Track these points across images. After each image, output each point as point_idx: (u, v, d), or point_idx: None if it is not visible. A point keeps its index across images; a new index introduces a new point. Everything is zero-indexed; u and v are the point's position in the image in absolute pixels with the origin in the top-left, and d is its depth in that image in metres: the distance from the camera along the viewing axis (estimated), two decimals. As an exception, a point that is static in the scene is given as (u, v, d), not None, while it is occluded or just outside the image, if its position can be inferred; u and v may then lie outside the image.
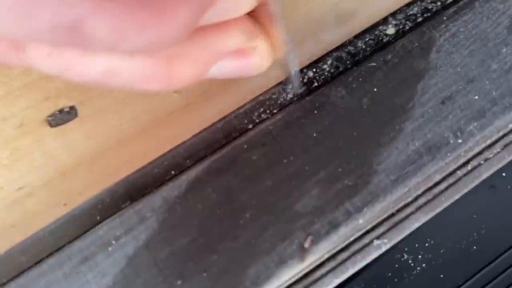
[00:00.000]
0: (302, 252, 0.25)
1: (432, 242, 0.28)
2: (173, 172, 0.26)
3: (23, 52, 0.19)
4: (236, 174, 0.26)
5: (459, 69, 0.28)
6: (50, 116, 0.29)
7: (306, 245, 0.25)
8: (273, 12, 0.22)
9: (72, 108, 0.30)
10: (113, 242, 0.25)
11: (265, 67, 0.23)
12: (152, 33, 0.16)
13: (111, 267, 0.24)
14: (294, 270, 0.24)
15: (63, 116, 0.29)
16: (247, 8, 0.21)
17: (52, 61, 0.19)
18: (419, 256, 0.27)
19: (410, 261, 0.27)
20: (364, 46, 0.29)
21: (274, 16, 0.22)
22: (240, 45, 0.21)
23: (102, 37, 0.15)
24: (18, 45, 0.19)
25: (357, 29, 0.30)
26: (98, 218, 0.26)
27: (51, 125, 0.29)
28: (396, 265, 0.27)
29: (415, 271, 0.27)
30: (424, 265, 0.27)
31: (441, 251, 0.28)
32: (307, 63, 0.28)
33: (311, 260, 0.25)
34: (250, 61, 0.22)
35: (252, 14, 0.22)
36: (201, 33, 0.20)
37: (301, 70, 0.28)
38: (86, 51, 0.18)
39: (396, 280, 0.27)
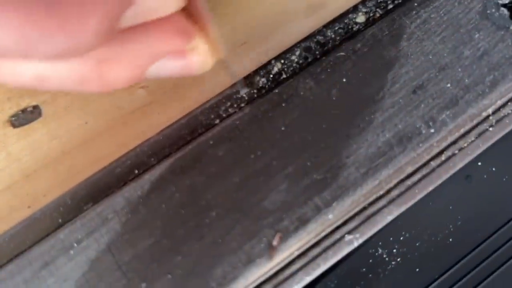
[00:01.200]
0: (271, 250, 0.24)
1: (407, 235, 0.27)
2: (136, 171, 0.25)
3: None
4: (201, 171, 0.25)
5: (430, 57, 0.27)
6: (13, 116, 0.28)
7: (275, 242, 0.24)
8: (203, 11, 0.21)
9: (35, 107, 0.29)
10: (75, 245, 0.24)
11: (209, 65, 0.22)
12: (60, 40, 0.16)
13: (73, 271, 0.24)
14: (262, 269, 0.24)
15: (26, 116, 0.29)
16: (173, 7, 0.20)
17: None
18: (394, 250, 0.27)
19: (384, 256, 0.27)
20: (333, 35, 0.28)
21: (206, 15, 0.21)
22: (176, 47, 0.21)
23: (9, 46, 0.15)
24: None
25: (328, 18, 0.29)
26: (60, 221, 0.25)
27: (14, 126, 0.28)
28: (370, 260, 0.27)
29: (390, 266, 0.27)
30: (399, 259, 0.27)
31: (417, 244, 0.27)
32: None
33: (280, 258, 0.24)
34: (190, 61, 0.22)
35: (187, 13, 0.21)
36: (131, 35, 0.19)
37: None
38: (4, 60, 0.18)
39: (370, 275, 0.26)
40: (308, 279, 0.24)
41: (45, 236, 0.25)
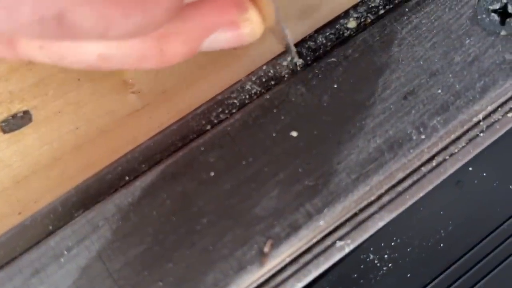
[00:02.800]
0: (262, 256, 0.24)
1: (398, 241, 0.27)
2: (127, 178, 0.25)
3: (16, 46, 0.19)
4: (192, 178, 0.25)
5: (421, 63, 0.27)
6: (3, 121, 0.28)
7: (266, 249, 0.24)
8: None
9: (26, 112, 0.29)
10: (65, 252, 0.24)
11: (258, 35, 0.23)
12: (137, 18, 0.16)
13: (63, 279, 0.23)
14: (254, 276, 0.24)
15: (16, 122, 0.28)
16: None
17: (45, 53, 0.19)
18: (385, 256, 0.27)
19: (376, 261, 0.27)
20: (324, 41, 0.28)
21: None
22: (231, 19, 0.21)
23: (89, 27, 0.16)
24: (11, 39, 0.19)
25: (319, 23, 0.29)
26: (50, 228, 0.25)
27: (4, 131, 0.28)
28: (362, 266, 0.27)
29: (381, 271, 0.27)
30: (390, 265, 0.27)
31: (408, 249, 0.27)
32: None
33: (272, 264, 0.24)
34: (243, 32, 0.22)
35: None
36: (190, 10, 0.20)
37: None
38: (76, 40, 0.18)
39: (362, 281, 0.26)
40: (300, 285, 0.24)
41: (35, 243, 0.24)
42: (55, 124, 0.28)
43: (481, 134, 0.26)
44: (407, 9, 0.28)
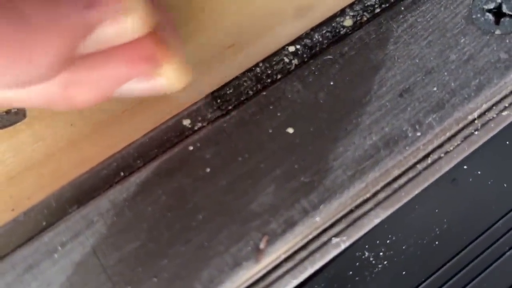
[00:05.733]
0: (258, 253, 0.24)
1: (393, 238, 0.27)
2: (122, 174, 0.25)
3: None
4: (188, 174, 0.25)
5: (417, 61, 0.27)
6: (-4, 117, 0.28)
7: (262, 245, 0.24)
8: (170, 35, 0.21)
9: (20, 109, 0.28)
10: (59, 248, 0.24)
11: (178, 87, 0.23)
12: (19, 70, 0.17)
13: (57, 275, 0.23)
14: (249, 272, 0.24)
15: (10, 118, 0.28)
16: (136, 34, 0.20)
17: None
18: (381, 253, 0.27)
19: (371, 259, 0.27)
20: (321, 39, 0.28)
21: (173, 39, 0.22)
22: (142, 72, 0.21)
23: None
24: None
25: (316, 21, 0.29)
26: (44, 223, 0.25)
27: (-2, 127, 0.28)
28: (357, 263, 0.27)
29: (376, 269, 0.27)
30: (385, 262, 0.27)
31: (403, 247, 0.27)
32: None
33: (267, 261, 0.24)
34: (158, 84, 0.22)
35: (156, 37, 0.21)
36: (95, 60, 0.20)
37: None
38: None
39: (357, 278, 0.26)
40: (295, 282, 0.24)
41: (28, 239, 0.24)
42: (49, 120, 0.28)
43: (476, 132, 0.26)
44: (403, 8, 0.28)
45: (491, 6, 0.28)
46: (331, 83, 0.26)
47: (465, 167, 0.28)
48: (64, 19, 0.17)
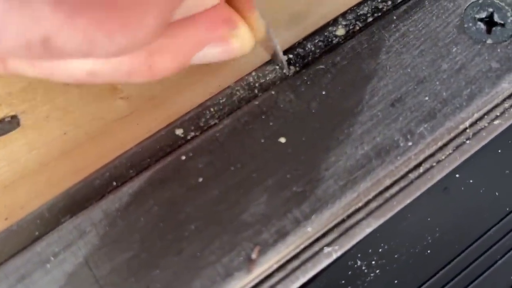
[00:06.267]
0: (249, 263, 0.24)
1: (385, 247, 0.27)
2: (115, 184, 0.25)
3: (6, 63, 0.20)
4: (180, 184, 0.25)
5: (409, 70, 0.27)
6: (-10, 126, 0.28)
7: (254, 255, 0.24)
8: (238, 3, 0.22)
9: (13, 117, 0.29)
10: (52, 258, 0.24)
11: (248, 50, 0.23)
12: (122, 39, 0.17)
13: (49, 285, 0.23)
14: (241, 283, 0.24)
15: (4, 126, 0.28)
16: (210, 3, 0.21)
17: (35, 70, 0.19)
18: (373, 262, 0.27)
19: (363, 268, 0.27)
20: (313, 48, 0.28)
21: (248, 3, 0.23)
22: (220, 35, 0.22)
23: (74, 48, 0.16)
24: (1, 57, 0.20)
25: (308, 30, 0.29)
26: (36, 233, 0.25)
27: (-8, 136, 0.28)
28: (349, 272, 0.27)
29: (369, 278, 0.27)
30: (378, 271, 0.27)
31: (395, 256, 0.27)
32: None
33: (259, 271, 0.24)
34: (232, 47, 0.22)
35: (229, 1, 0.22)
36: (179, 26, 0.21)
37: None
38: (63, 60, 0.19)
39: (349, 287, 0.26)
40: (287, 291, 0.24)
41: (21, 249, 0.24)
42: (43, 129, 0.28)
43: (468, 141, 0.26)
44: (395, 17, 0.28)
45: (483, 15, 0.28)
46: (323, 93, 0.26)
47: (457, 175, 0.28)
48: None
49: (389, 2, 0.29)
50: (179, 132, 0.26)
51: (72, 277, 0.23)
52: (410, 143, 0.26)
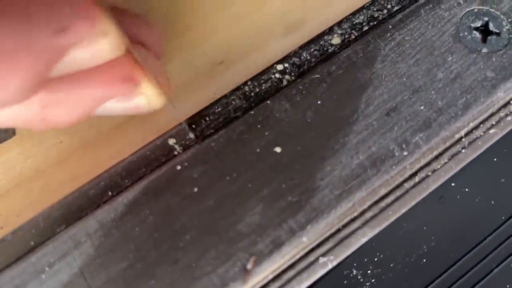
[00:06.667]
0: (245, 273, 0.24)
1: (381, 256, 0.27)
2: (110, 193, 0.25)
3: None
4: (176, 193, 0.25)
5: (404, 79, 0.27)
6: (-14, 135, 0.28)
7: (249, 266, 0.24)
8: (140, 60, 0.21)
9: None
10: (47, 269, 0.24)
11: (158, 105, 0.23)
12: None
13: (44, 296, 0.23)
14: (236, 293, 0.24)
15: (0, 135, 0.28)
16: (110, 55, 0.20)
17: None
18: (368, 271, 0.27)
19: (359, 277, 0.27)
20: (309, 57, 0.28)
21: (145, 63, 0.22)
22: (120, 92, 0.21)
23: None
24: None
25: (304, 39, 0.29)
26: (32, 243, 0.25)
27: (-13, 145, 0.28)
28: (345, 281, 0.27)
29: (364, 287, 0.27)
30: (373, 280, 0.27)
31: (391, 265, 0.27)
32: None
33: (255, 281, 0.24)
34: (137, 103, 0.22)
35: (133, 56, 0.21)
36: (72, 81, 0.20)
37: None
38: None
39: (345, 296, 0.27)
40: (283, 301, 0.24)
41: (16, 259, 0.24)
42: (39, 137, 0.28)
43: (463, 150, 0.26)
44: (390, 26, 0.28)
45: (478, 24, 0.28)
46: (319, 102, 0.26)
47: (452, 184, 0.28)
48: (34, 44, 0.17)
49: (385, 11, 0.29)
50: (173, 142, 0.26)
51: (67, 287, 0.23)
52: (405, 153, 0.26)
